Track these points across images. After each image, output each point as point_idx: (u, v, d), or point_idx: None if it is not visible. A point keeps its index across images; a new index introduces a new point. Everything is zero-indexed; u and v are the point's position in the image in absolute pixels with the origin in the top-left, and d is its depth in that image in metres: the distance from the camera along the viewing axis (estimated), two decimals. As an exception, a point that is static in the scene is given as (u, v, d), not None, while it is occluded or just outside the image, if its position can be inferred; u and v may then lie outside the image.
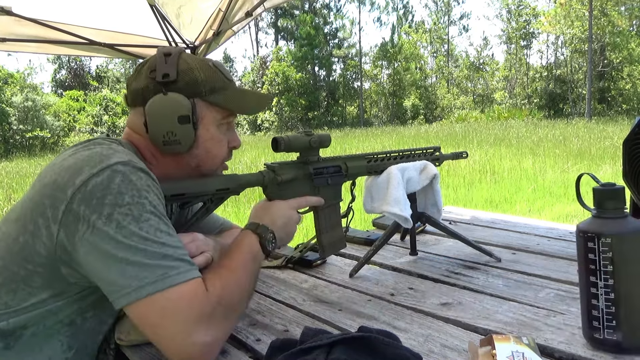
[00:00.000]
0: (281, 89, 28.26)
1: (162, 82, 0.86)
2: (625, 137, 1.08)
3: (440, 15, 38.62)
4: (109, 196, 0.72)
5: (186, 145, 0.88)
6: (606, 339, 0.72)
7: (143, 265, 0.71)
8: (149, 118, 0.86)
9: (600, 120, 19.72)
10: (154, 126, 0.86)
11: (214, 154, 0.94)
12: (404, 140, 13.94)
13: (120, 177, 0.74)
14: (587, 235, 0.72)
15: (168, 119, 0.86)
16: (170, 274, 0.72)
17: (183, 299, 0.72)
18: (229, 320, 0.79)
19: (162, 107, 0.86)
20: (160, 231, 0.74)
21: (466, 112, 29.03)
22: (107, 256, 0.71)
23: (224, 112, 0.93)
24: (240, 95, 0.94)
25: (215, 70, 0.91)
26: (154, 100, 0.86)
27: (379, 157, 1.22)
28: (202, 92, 0.89)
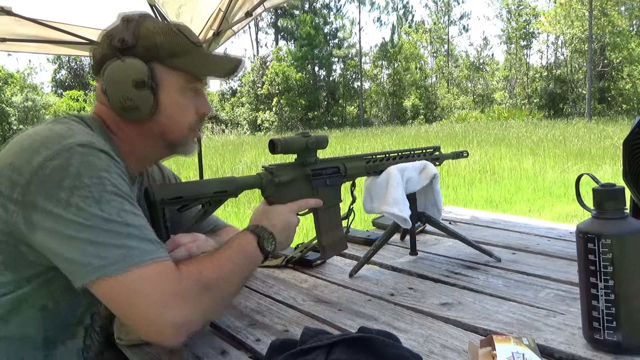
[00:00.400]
0: (281, 89, 28.26)
1: (119, 47, 0.84)
2: (625, 137, 1.07)
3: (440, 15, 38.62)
4: (66, 179, 0.71)
5: (145, 111, 0.86)
6: (606, 339, 0.72)
7: (105, 245, 0.70)
8: (107, 84, 0.84)
9: (600, 120, 19.72)
10: (112, 92, 0.84)
11: (178, 121, 0.90)
12: (404, 140, 13.94)
13: (79, 159, 0.73)
14: (587, 236, 0.72)
15: (124, 84, 0.83)
16: (133, 253, 0.71)
17: (150, 278, 0.71)
18: (203, 302, 0.77)
19: (118, 73, 0.83)
20: (123, 211, 0.73)
21: (466, 112, 29.03)
22: (67, 238, 0.70)
23: (188, 77, 0.89)
24: (205, 59, 0.91)
25: (177, 34, 0.88)
26: (109, 65, 0.84)
27: (378, 157, 1.21)
28: (161, 56, 0.86)
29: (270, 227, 0.94)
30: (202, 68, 0.90)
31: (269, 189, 1.01)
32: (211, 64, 0.92)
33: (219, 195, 0.95)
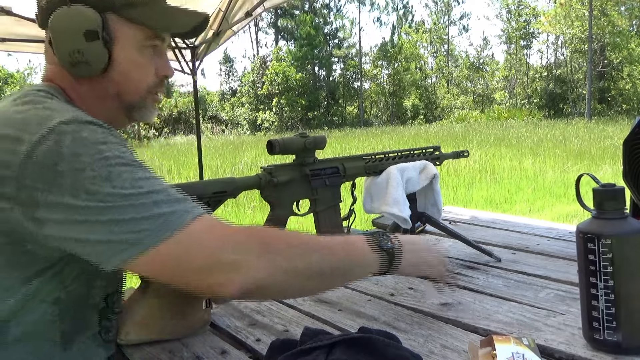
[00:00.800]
0: (281, 89, 28.27)
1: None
2: (625, 138, 1.08)
3: (440, 15, 38.63)
4: (61, 163, 0.63)
5: (97, 66, 0.76)
6: (606, 339, 0.72)
7: (136, 220, 0.63)
8: (53, 35, 0.74)
9: (600, 120, 19.73)
10: (60, 45, 0.74)
11: (134, 80, 0.81)
12: (404, 140, 13.94)
13: (70, 138, 0.64)
14: (587, 236, 0.72)
15: (72, 34, 0.74)
16: (169, 219, 0.65)
17: (196, 235, 0.66)
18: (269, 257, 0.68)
19: (65, 21, 0.74)
20: (139, 179, 0.66)
21: (466, 112, 29.04)
22: (88, 224, 0.63)
23: (147, 32, 0.80)
24: (165, 12, 0.81)
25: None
26: (56, 14, 0.74)
27: (377, 157, 1.22)
28: (115, 5, 0.76)
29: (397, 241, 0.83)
30: (162, 22, 0.81)
31: (268, 189, 1.02)
32: (172, 17, 0.82)
33: (218, 196, 0.95)
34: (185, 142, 19.00)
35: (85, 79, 0.78)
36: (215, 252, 0.66)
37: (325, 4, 34.31)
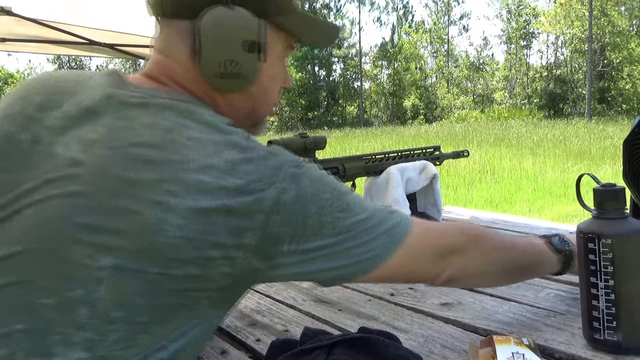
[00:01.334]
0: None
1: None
2: (626, 137, 1.07)
3: (440, 15, 38.66)
4: (309, 204, 0.60)
5: (246, 81, 0.67)
6: (606, 339, 0.72)
7: (372, 240, 0.64)
8: (205, 39, 0.62)
9: (600, 120, 19.73)
10: (210, 51, 0.63)
11: (270, 94, 0.73)
12: (404, 140, 13.95)
13: (306, 179, 0.61)
14: (588, 236, 0.72)
15: (231, 42, 0.63)
16: (396, 230, 0.66)
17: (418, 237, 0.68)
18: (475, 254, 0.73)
19: (227, 26, 0.63)
20: (361, 202, 0.66)
21: (466, 112, 29.05)
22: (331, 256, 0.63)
23: (290, 41, 0.72)
24: (308, 21, 0.73)
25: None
26: (215, 13, 0.62)
27: (377, 157, 1.22)
28: (269, 10, 0.66)
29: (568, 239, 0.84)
30: (307, 31, 0.73)
31: None
32: (316, 27, 0.74)
33: None
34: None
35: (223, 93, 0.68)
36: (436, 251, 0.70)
37: (325, 4, 34.34)
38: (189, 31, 0.63)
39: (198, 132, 0.58)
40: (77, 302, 0.52)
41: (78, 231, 0.53)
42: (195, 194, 0.54)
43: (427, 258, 0.70)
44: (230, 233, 0.55)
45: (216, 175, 0.55)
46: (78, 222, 0.53)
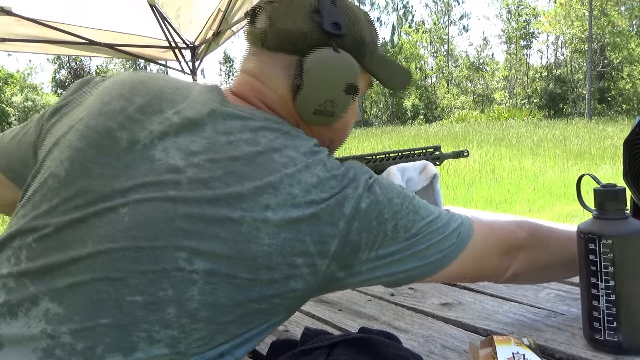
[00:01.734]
0: (281, 89, 28.26)
1: (331, 33, 0.65)
2: (626, 138, 1.07)
3: (440, 15, 38.67)
4: (384, 210, 0.63)
5: (335, 119, 0.71)
6: (607, 340, 0.72)
7: (442, 241, 0.68)
8: (310, 79, 0.65)
9: (600, 120, 19.74)
10: (313, 90, 0.65)
11: (347, 129, 0.79)
12: (404, 140, 13.95)
13: (378, 187, 0.64)
14: (588, 237, 0.72)
15: (335, 85, 0.66)
16: (462, 230, 0.70)
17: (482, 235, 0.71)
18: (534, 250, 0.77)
19: (333, 69, 0.65)
20: (427, 204, 0.69)
21: (466, 112, 29.06)
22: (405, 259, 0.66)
23: (369, 81, 0.77)
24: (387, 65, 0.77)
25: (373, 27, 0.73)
26: (322, 55, 0.65)
27: (378, 157, 1.22)
28: (364, 55, 0.71)
29: None
30: (387, 76, 0.77)
31: None
32: (395, 71, 0.79)
33: None
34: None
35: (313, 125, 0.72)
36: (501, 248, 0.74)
37: (325, 4, 34.29)
38: (292, 66, 0.66)
39: (292, 151, 0.62)
40: (167, 302, 0.54)
41: (177, 235, 0.55)
42: (288, 206, 0.58)
43: (493, 255, 0.73)
44: (315, 241, 0.59)
45: (307, 190, 0.59)
46: (178, 227, 0.55)
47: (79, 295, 0.54)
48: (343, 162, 0.67)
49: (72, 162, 0.60)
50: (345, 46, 0.68)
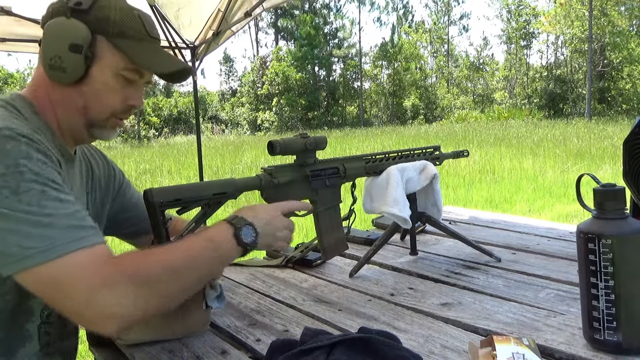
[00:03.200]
0: (281, 89, 28.27)
1: (71, 7, 0.82)
2: (626, 137, 1.07)
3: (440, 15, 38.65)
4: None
5: (71, 77, 0.83)
6: (606, 339, 0.72)
7: (28, 236, 0.68)
8: (44, 37, 0.83)
9: (600, 120, 19.73)
10: (45, 47, 0.82)
11: (102, 100, 0.86)
12: (404, 140, 13.95)
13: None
14: (588, 236, 0.72)
15: (60, 41, 0.81)
16: (56, 243, 0.69)
17: (77, 266, 0.69)
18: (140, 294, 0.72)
19: (58, 29, 0.82)
20: (46, 199, 0.70)
21: (466, 112, 29.04)
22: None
23: (127, 63, 0.86)
24: (152, 53, 0.88)
25: (135, 19, 0.86)
26: (54, 20, 0.82)
27: (378, 157, 1.21)
28: (109, 31, 0.84)
29: (250, 218, 0.88)
30: (144, 59, 0.87)
31: (268, 190, 1.01)
32: (156, 58, 0.89)
33: (218, 197, 0.95)
34: (185, 142, 19.01)
35: (59, 85, 0.84)
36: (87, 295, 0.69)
37: (325, 4, 34.32)
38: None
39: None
40: None
41: None
42: None
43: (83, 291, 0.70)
44: None
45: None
46: None
47: None
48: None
49: None
50: (86, 20, 0.82)
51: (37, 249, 0.68)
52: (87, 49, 0.82)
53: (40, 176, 0.71)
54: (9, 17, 2.85)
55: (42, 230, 0.69)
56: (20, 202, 0.68)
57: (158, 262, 0.76)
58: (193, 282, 0.80)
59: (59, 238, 0.69)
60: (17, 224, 0.68)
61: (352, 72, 32.72)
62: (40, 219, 0.69)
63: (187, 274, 0.78)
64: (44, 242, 0.68)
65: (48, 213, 0.70)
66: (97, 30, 0.83)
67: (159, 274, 0.75)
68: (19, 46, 3.23)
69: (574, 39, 25.96)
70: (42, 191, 0.70)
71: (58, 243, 0.69)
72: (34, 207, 0.69)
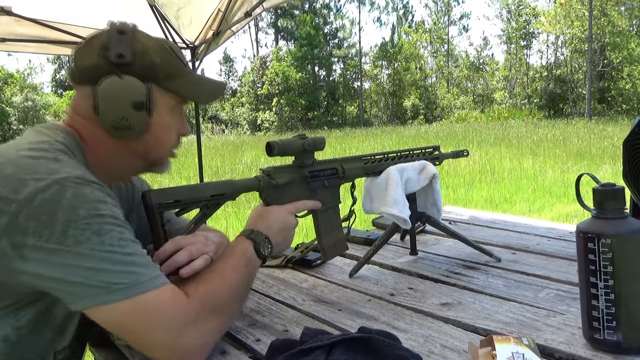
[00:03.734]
0: (281, 89, 28.27)
1: (116, 62, 0.80)
2: (625, 137, 1.08)
3: (440, 15, 38.66)
4: (59, 212, 0.68)
5: (138, 132, 0.83)
6: (606, 339, 0.72)
7: (111, 272, 0.70)
8: (101, 101, 0.80)
9: (600, 120, 19.73)
10: (106, 110, 0.80)
11: (163, 142, 0.89)
12: (404, 140, 13.95)
13: (72, 192, 0.70)
14: (587, 236, 0.72)
15: (122, 103, 0.80)
16: (141, 280, 0.71)
17: (161, 304, 0.72)
18: (216, 323, 0.79)
19: (117, 91, 0.80)
20: (124, 240, 0.73)
21: (466, 112, 29.04)
22: (67, 265, 0.68)
23: (178, 99, 0.89)
24: (196, 83, 0.90)
25: (171, 54, 0.86)
26: (107, 82, 0.80)
27: (377, 158, 1.21)
28: (158, 77, 0.84)
29: (265, 230, 0.93)
30: (193, 91, 0.89)
31: (267, 191, 1.01)
32: (201, 87, 0.91)
33: (217, 199, 0.95)
34: (185, 142, 18.94)
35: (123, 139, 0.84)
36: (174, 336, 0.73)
37: (325, 4, 34.32)
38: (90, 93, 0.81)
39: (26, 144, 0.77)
40: None
41: None
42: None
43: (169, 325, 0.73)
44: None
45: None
46: None
47: None
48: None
49: None
50: (133, 72, 0.81)
51: (124, 285, 0.70)
52: (148, 102, 0.83)
53: (116, 219, 0.74)
54: (9, 17, 2.85)
55: (126, 267, 0.71)
56: (103, 243, 0.70)
57: (221, 287, 0.81)
58: (244, 298, 0.86)
59: (144, 274, 0.72)
60: (100, 263, 0.69)
61: (352, 72, 32.72)
62: (123, 257, 0.71)
63: (242, 291, 0.84)
64: (130, 278, 0.71)
65: (129, 252, 0.72)
66: (147, 79, 0.83)
67: (226, 298, 0.80)
68: (19, 46, 3.23)
69: (574, 39, 25.96)
70: (121, 232, 0.73)
71: (143, 279, 0.72)
72: (116, 247, 0.71)
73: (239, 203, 5.73)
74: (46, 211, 0.68)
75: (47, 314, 0.78)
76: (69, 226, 0.68)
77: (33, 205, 0.68)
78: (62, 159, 0.75)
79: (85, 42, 0.84)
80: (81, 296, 0.70)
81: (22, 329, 0.77)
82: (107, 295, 0.69)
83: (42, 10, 2.91)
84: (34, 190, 0.68)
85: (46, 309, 0.78)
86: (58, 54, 3.76)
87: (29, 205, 0.68)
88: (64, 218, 0.68)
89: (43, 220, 0.68)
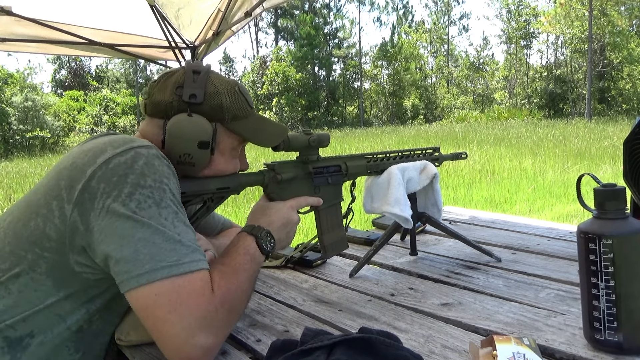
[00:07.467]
0: (281, 89, 28.27)
1: (188, 102, 0.85)
2: (626, 138, 1.07)
3: (440, 15, 38.66)
4: (131, 175, 0.72)
5: (199, 169, 0.89)
6: (607, 339, 0.72)
7: (160, 247, 0.71)
8: (169, 137, 0.85)
9: (600, 120, 19.73)
10: (172, 145, 0.85)
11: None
12: (404, 140, 13.95)
13: (144, 160, 0.74)
14: (588, 236, 0.72)
15: (188, 141, 0.85)
16: (184, 260, 0.72)
17: (190, 292, 0.71)
18: (229, 324, 0.78)
19: (185, 129, 0.85)
20: (177, 220, 0.74)
21: (466, 112, 29.05)
22: (123, 235, 0.70)
23: (241, 141, 0.94)
24: (259, 126, 0.94)
25: (239, 96, 0.91)
26: (177, 119, 0.85)
27: (379, 157, 1.21)
28: (225, 118, 0.89)
29: (267, 226, 0.93)
30: (255, 134, 0.93)
31: (271, 186, 1.01)
32: (263, 131, 0.95)
33: (221, 192, 0.95)
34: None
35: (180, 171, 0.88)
36: (193, 330, 0.72)
37: (325, 4, 34.31)
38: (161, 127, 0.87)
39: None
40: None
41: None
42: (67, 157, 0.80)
43: (190, 316, 0.72)
44: (67, 186, 0.73)
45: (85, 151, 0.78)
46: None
47: None
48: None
49: None
50: (203, 112, 0.86)
51: (167, 262, 0.71)
52: (212, 141, 0.87)
53: (176, 198, 0.76)
54: (9, 17, 2.85)
55: (173, 245, 0.72)
56: (160, 215, 0.72)
57: (234, 284, 0.80)
58: (250, 295, 0.85)
59: (187, 255, 0.73)
60: (152, 235, 0.71)
61: (352, 72, 32.72)
62: (173, 234, 0.73)
63: (249, 289, 0.84)
64: (173, 257, 0.71)
65: (179, 232, 0.74)
66: (214, 119, 0.88)
67: (237, 296, 0.80)
68: (19, 46, 3.23)
69: (574, 39, 25.95)
70: (176, 212, 0.75)
71: (185, 260, 0.72)
72: (169, 223, 0.73)
73: (238, 202, 5.72)
74: (119, 173, 0.72)
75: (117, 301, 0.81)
76: (136, 190, 0.72)
77: (108, 168, 0.73)
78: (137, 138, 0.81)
79: (161, 78, 0.90)
80: (128, 276, 0.70)
81: (94, 317, 0.80)
82: (154, 273, 0.70)
83: (42, 10, 2.90)
84: (111, 155, 0.74)
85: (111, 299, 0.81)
86: (58, 54, 3.77)
87: (104, 167, 0.73)
88: (134, 182, 0.72)
89: (113, 182, 0.72)
